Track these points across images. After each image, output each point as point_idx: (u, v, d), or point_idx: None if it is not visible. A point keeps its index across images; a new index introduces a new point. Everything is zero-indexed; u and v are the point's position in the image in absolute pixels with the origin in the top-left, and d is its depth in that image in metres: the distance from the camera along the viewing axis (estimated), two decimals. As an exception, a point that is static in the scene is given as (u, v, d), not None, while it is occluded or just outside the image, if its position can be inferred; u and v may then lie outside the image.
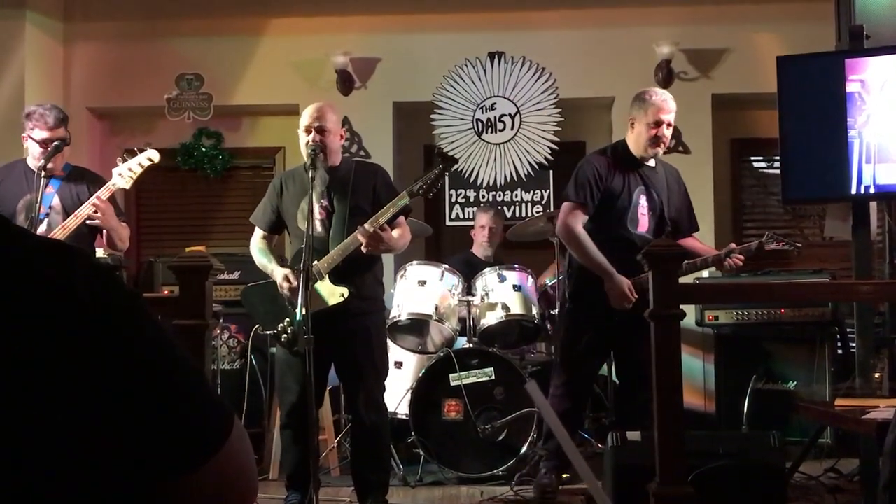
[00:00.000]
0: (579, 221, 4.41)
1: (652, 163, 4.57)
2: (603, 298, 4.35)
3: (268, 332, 4.42)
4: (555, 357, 4.93)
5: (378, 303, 4.39)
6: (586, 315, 4.50)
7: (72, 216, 4.28)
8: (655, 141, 4.45)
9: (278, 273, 4.18)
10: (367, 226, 4.05)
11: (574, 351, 4.56)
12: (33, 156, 4.42)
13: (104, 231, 4.39)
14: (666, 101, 4.47)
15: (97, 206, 4.22)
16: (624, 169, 4.48)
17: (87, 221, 4.26)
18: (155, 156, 4.46)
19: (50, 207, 4.38)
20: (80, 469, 0.89)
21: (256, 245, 4.38)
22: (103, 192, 4.30)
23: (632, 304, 4.26)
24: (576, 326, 4.57)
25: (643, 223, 4.47)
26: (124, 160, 4.41)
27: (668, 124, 4.47)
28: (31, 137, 4.42)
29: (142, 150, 4.45)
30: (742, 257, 4.42)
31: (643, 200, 4.47)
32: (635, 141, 4.51)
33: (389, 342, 5.35)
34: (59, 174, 4.47)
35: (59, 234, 4.22)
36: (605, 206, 4.42)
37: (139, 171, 4.42)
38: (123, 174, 4.38)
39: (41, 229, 4.27)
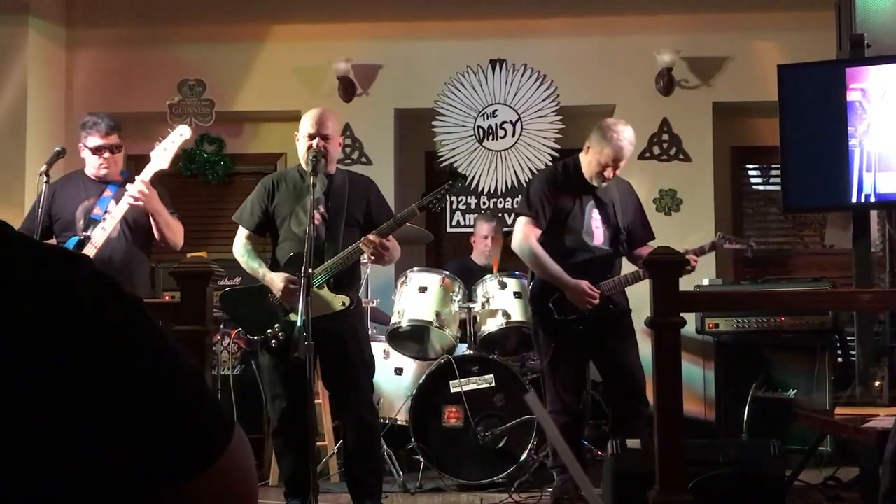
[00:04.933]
0: (533, 235, 4.53)
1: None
2: (563, 305, 4.48)
3: (252, 338, 4.36)
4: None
5: (360, 305, 4.41)
6: (553, 323, 4.57)
7: (109, 216, 4.33)
8: (601, 178, 4.51)
9: (276, 278, 4.13)
10: (371, 236, 4.05)
11: (552, 361, 4.63)
12: (88, 164, 4.55)
13: (153, 222, 4.42)
14: (623, 149, 4.46)
15: (141, 190, 4.29)
16: (574, 186, 4.57)
17: (132, 202, 4.31)
18: (186, 131, 4.52)
19: (106, 211, 4.46)
20: (79, 476, 0.90)
21: (243, 246, 4.29)
22: (145, 174, 4.38)
23: (595, 299, 4.41)
24: (546, 337, 4.62)
25: (598, 236, 4.55)
26: (159, 142, 4.47)
27: (619, 167, 4.51)
28: (85, 146, 4.53)
29: (173, 129, 4.52)
30: (696, 258, 4.47)
31: (596, 214, 4.56)
32: (587, 166, 4.56)
33: (390, 348, 5.36)
34: (116, 179, 4.57)
35: (102, 235, 4.28)
36: (561, 222, 4.54)
37: (174, 148, 4.47)
38: (159, 154, 4.44)
39: (97, 230, 4.36)
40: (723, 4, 6.74)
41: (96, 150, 4.50)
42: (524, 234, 4.54)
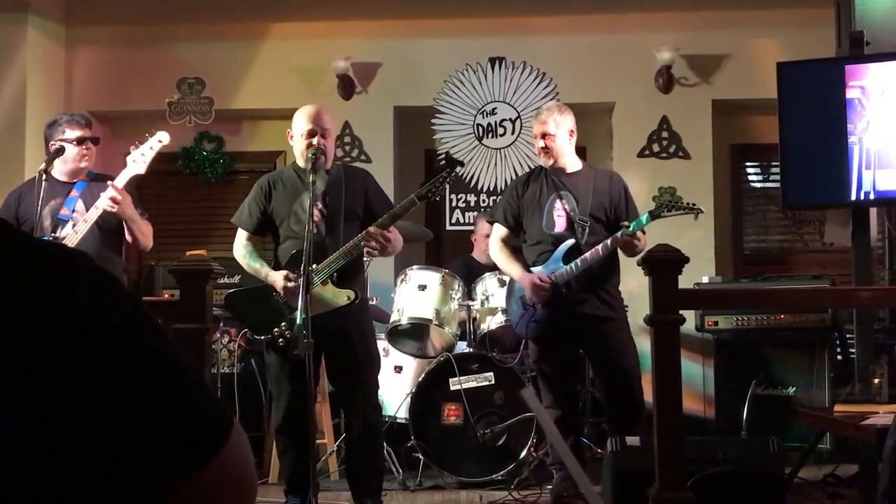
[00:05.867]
0: (496, 237, 4.81)
1: (572, 169, 4.69)
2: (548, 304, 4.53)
3: (259, 337, 4.33)
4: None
5: (366, 303, 4.44)
6: (537, 322, 4.62)
7: (81, 220, 4.31)
8: (542, 155, 4.68)
9: (276, 276, 4.13)
10: (372, 229, 4.05)
11: (537, 358, 4.72)
12: (67, 159, 4.48)
13: (126, 227, 4.42)
14: (538, 117, 4.71)
15: (114, 196, 4.26)
16: (538, 182, 4.72)
17: (108, 208, 4.28)
18: (165, 137, 4.49)
19: (74, 210, 4.45)
20: (78, 472, 0.90)
21: (244, 247, 4.30)
22: (120, 179, 4.36)
23: (546, 288, 4.47)
24: (534, 335, 4.68)
25: (559, 224, 4.63)
26: (136, 147, 4.46)
27: (546, 135, 4.63)
28: (66, 140, 4.48)
29: (151, 135, 4.49)
30: (642, 236, 4.47)
31: (558, 204, 4.64)
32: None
33: (390, 346, 5.36)
34: (83, 179, 4.55)
35: (73, 238, 4.26)
36: (527, 217, 4.73)
37: (152, 154, 4.45)
38: (137, 159, 4.42)
39: (66, 231, 4.34)
40: (722, 2, 6.74)
41: (79, 142, 4.47)
42: (491, 238, 4.87)
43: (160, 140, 4.47)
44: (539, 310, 4.54)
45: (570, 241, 4.53)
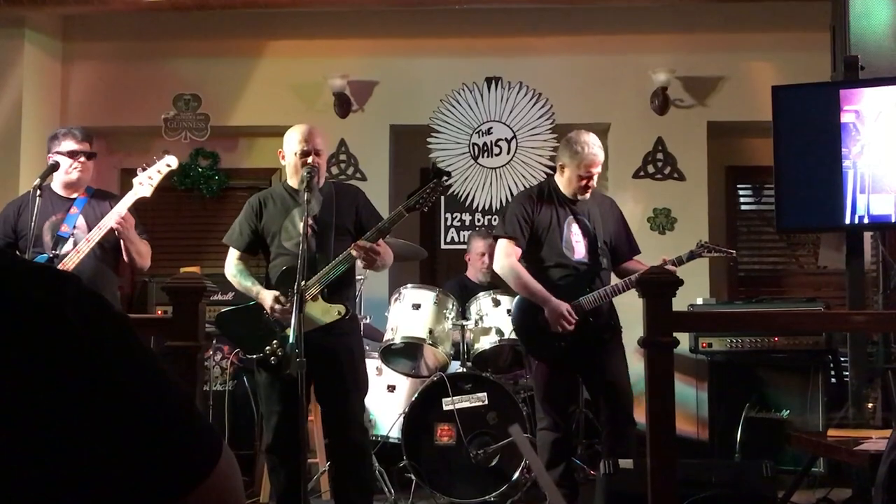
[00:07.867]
0: (513, 255, 4.59)
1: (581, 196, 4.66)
2: (547, 325, 4.48)
3: (251, 357, 4.28)
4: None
5: (357, 322, 4.42)
6: (537, 341, 4.59)
7: (84, 238, 4.30)
8: (585, 189, 4.59)
9: (267, 295, 4.11)
10: (360, 241, 4.04)
11: (540, 379, 4.65)
12: (60, 171, 4.49)
13: (124, 248, 4.41)
14: (596, 155, 4.58)
15: (119, 222, 4.27)
16: (551, 204, 4.64)
17: (115, 227, 4.29)
18: (173, 161, 4.49)
19: (74, 227, 4.44)
20: (66, 496, 0.89)
21: (235, 266, 4.29)
22: (126, 201, 4.35)
23: (571, 325, 4.41)
24: (532, 355, 4.65)
25: (578, 250, 4.58)
26: (144, 170, 4.44)
27: (597, 173, 4.61)
28: (59, 152, 4.48)
29: (159, 158, 4.48)
30: (674, 269, 4.41)
31: (575, 229, 4.59)
32: (566, 184, 4.63)
33: (383, 365, 5.34)
34: (83, 195, 4.54)
35: (74, 257, 4.25)
36: (541, 239, 4.61)
37: (159, 178, 4.44)
38: (143, 182, 4.41)
39: (67, 248, 4.34)
40: (718, 24, 6.77)
41: (72, 154, 4.48)
42: (505, 254, 4.60)
43: (168, 164, 4.46)
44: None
45: (600, 267, 4.54)
